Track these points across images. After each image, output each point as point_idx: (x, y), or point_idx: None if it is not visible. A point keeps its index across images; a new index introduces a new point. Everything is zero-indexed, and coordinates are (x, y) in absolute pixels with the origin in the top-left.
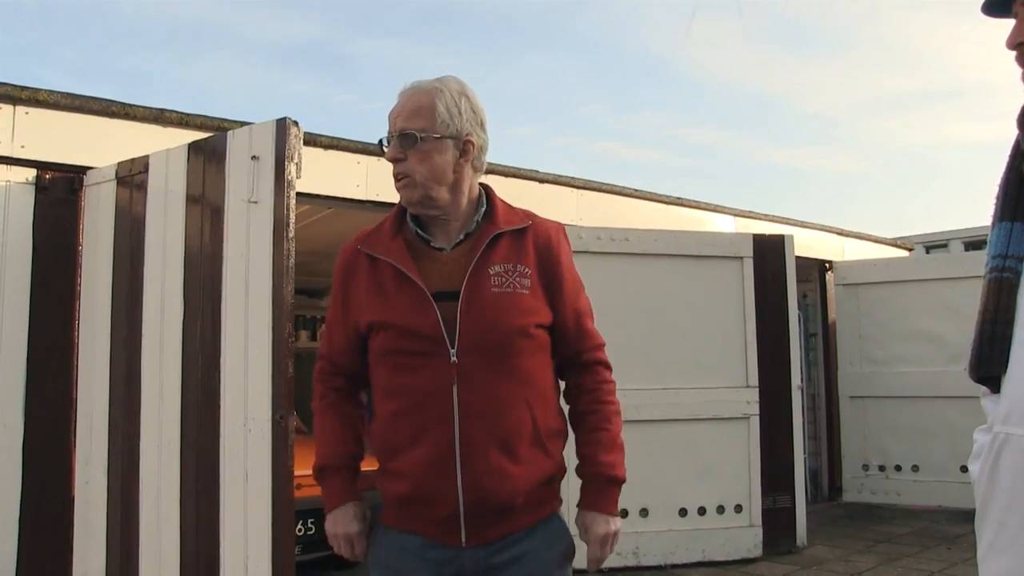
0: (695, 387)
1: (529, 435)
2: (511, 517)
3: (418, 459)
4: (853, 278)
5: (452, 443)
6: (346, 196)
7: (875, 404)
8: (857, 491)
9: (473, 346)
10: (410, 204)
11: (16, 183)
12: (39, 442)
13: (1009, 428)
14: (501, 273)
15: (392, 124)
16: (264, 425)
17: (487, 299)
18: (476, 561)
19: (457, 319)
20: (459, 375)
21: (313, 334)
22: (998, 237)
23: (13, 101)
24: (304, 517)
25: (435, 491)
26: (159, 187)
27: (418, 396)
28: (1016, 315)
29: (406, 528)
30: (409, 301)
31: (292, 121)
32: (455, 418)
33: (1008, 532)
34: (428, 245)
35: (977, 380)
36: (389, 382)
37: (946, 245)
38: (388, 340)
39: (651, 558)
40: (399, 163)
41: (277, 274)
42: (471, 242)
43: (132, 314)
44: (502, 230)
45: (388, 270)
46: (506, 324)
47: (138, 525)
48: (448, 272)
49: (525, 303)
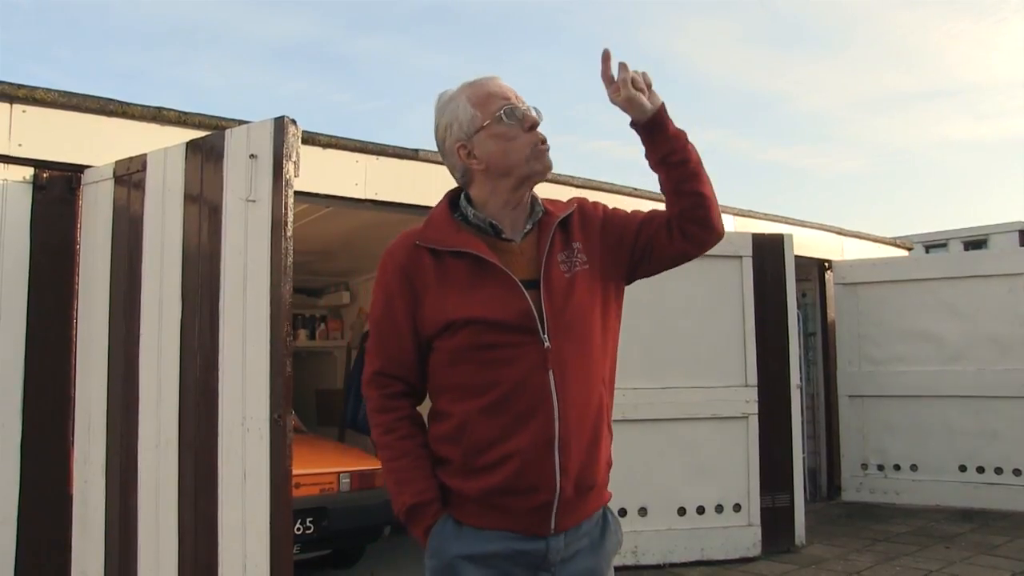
0: (694, 386)
1: (606, 414)
2: (589, 500)
3: (518, 448)
4: (852, 277)
5: (553, 428)
6: (344, 195)
7: (874, 403)
8: (856, 490)
9: (561, 329)
10: (547, 172)
11: (14, 182)
12: (37, 441)
13: None
14: (566, 259)
15: (517, 97)
16: (262, 424)
17: (563, 282)
18: (558, 551)
19: (541, 304)
20: (552, 359)
21: (312, 333)
22: None
23: (10, 99)
24: (302, 516)
25: (535, 479)
26: (157, 186)
27: (512, 386)
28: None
29: (490, 525)
30: (496, 291)
31: (290, 120)
32: (554, 403)
33: None
34: (499, 237)
35: None
36: (475, 379)
37: (945, 244)
38: (473, 336)
39: (650, 557)
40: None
41: (275, 273)
42: (535, 232)
43: (130, 313)
44: (559, 217)
45: (461, 264)
46: (582, 303)
47: (136, 524)
48: (525, 262)
49: (589, 277)
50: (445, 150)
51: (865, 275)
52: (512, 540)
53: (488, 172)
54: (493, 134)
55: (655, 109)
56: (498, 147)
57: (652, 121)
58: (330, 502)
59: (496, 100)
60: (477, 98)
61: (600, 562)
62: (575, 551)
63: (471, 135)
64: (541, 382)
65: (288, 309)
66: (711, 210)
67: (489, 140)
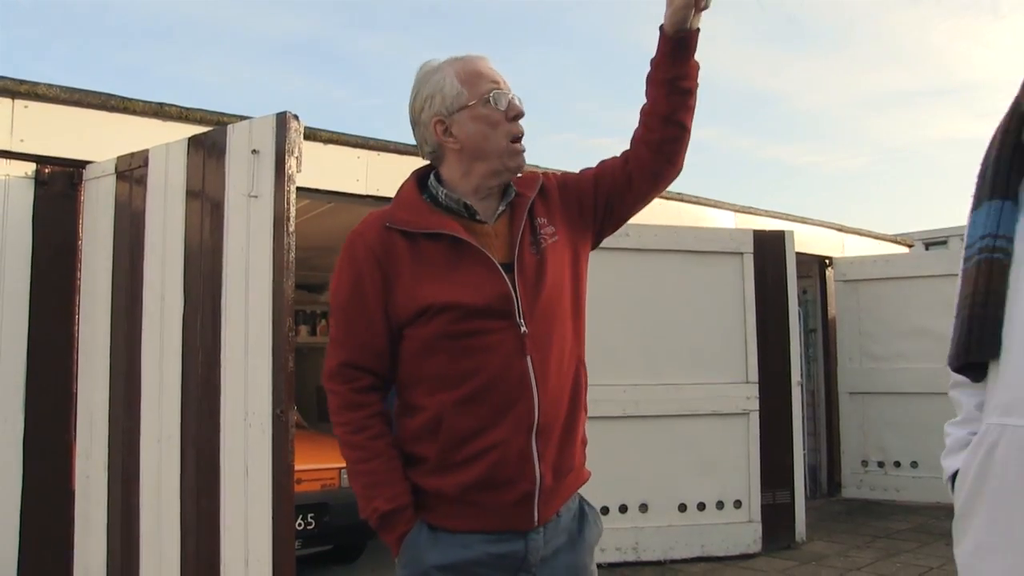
0: (695, 383)
1: (583, 393)
2: (567, 483)
3: (498, 440)
4: (853, 274)
5: (533, 416)
6: (346, 191)
7: (874, 400)
8: (856, 487)
9: (536, 312)
10: (520, 170)
11: (15, 177)
12: (39, 437)
13: (1009, 419)
14: (533, 241)
15: (505, 84)
16: (264, 420)
17: (534, 263)
18: (537, 550)
19: (516, 287)
20: (530, 344)
21: (313, 329)
22: (987, 216)
23: (12, 95)
24: (304, 512)
25: (514, 470)
26: (159, 181)
27: (491, 376)
28: (1009, 296)
29: (466, 528)
30: (474, 275)
31: (292, 115)
32: (534, 390)
33: (1007, 532)
34: (472, 218)
35: (958, 369)
36: (450, 369)
37: (946, 242)
38: (449, 322)
39: (651, 553)
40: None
41: (277, 269)
42: (508, 213)
43: (132, 309)
44: (531, 198)
45: (437, 246)
46: (555, 282)
47: (138, 520)
48: (500, 244)
49: (560, 251)
50: (420, 121)
51: (866, 272)
52: (489, 543)
53: (462, 153)
54: (476, 115)
55: (694, 28)
56: (478, 130)
57: (684, 38)
58: (332, 498)
59: (485, 82)
60: (465, 75)
61: (582, 556)
62: (554, 548)
63: (452, 112)
64: (520, 369)
65: (290, 305)
66: (685, 147)
67: (471, 121)
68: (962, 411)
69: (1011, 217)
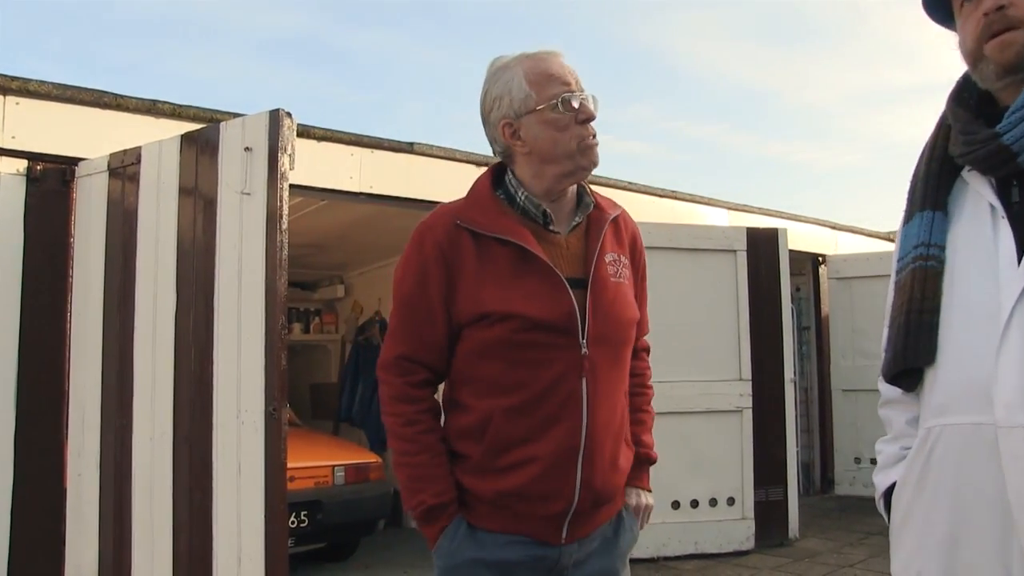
0: (688, 380)
1: (627, 427)
2: (604, 511)
3: (542, 453)
4: (846, 272)
5: (579, 437)
6: (339, 188)
7: (868, 397)
8: (849, 484)
9: (600, 336)
10: (594, 166)
11: (7, 174)
12: (31, 435)
13: (945, 420)
14: (613, 262)
15: (577, 83)
16: (257, 417)
17: (610, 288)
18: (571, 555)
19: (587, 308)
20: (588, 367)
21: (306, 327)
22: (919, 227)
23: (4, 91)
24: (297, 509)
25: (554, 487)
26: (151, 178)
27: (543, 390)
28: (942, 303)
29: (504, 529)
30: (540, 287)
31: (285, 112)
32: (583, 412)
33: (942, 528)
34: (545, 227)
35: (894, 377)
36: (504, 376)
37: None
38: (509, 331)
39: (644, 550)
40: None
41: (270, 266)
42: (584, 226)
43: (124, 306)
44: (611, 215)
45: (504, 251)
46: (625, 314)
47: (131, 517)
48: (570, 257)
49: (631, 293)
50: (489, 121)
51: (859, 269)
52: (526, 545)
53: (531, 156)
54: (544, 120)
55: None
56: (547, 135)
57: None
58: (324, 495)
59: (555, 84)
60: (535, 75)
61: (614, 562)
62: (588, 553)
63: (520, 115)
64: (573, 389)
65: (283, 302)
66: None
67: (538, 125)
68: (892, 428)
69: (942, 227)
